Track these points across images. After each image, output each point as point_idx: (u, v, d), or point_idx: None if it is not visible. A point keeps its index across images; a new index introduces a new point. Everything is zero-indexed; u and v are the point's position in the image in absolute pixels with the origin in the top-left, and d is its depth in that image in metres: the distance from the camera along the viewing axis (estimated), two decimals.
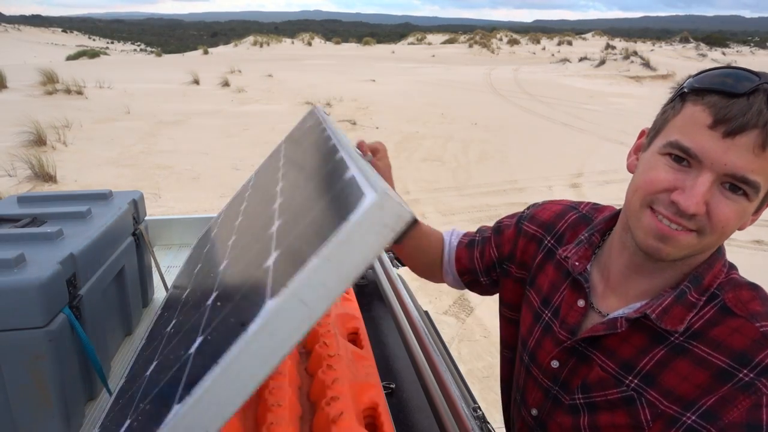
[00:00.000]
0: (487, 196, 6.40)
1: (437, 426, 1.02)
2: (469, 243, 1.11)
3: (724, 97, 0.65)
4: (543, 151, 8.46)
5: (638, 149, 0.80)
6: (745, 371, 0.68)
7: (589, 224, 0.92)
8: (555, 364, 0.87)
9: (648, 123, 0.79)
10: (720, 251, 0.78)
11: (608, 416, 0.79)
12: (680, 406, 0.72)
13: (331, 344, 1.07)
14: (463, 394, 1.01)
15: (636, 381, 0.76)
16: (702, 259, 0.76)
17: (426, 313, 1.42)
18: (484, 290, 1.12)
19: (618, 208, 0.88)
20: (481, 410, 0.93)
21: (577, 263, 0.86)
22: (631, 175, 0.79)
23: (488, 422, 0.93)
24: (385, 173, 1.07)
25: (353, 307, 1.32)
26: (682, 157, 0.68)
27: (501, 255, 1.05)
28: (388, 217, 0.43)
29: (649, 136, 0.77)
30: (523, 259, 1.00)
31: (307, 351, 1.14)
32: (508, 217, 1.09)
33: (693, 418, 0.70)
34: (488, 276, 1.07)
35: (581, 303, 0.85)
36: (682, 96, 0.72)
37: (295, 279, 0.44)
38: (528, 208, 1.05)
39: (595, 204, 0.98)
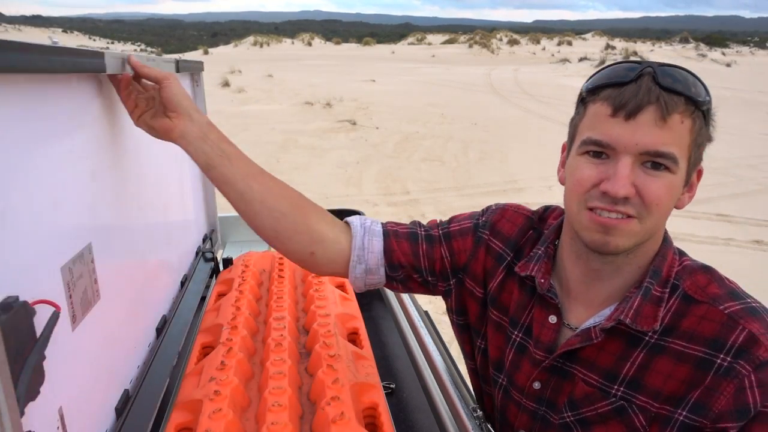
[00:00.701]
0: (486, 196, 6.40)
1: (437, 426, 1.02)
2: (410, 236, 0.96)
3: (616, 88, 0.71)
4: (543, 151, 8.46)
5: (563, 163, 0.83)
6: (722, 356, 0.70)
7: (541, 235, 0.91)
8: (537, 385, 0.85)
9: None
10: (667, 240, 0.80)
11: (602, 429, 0.79)
12: (671, 405, 0.73)
13: (331, 344, 1.07)
14: (462, 394, 1.01)
15: (622, 389, 0.76)
16: (653, 250, 0.78)
17: (426, 313, 1.42)
18: (409, 288, 1.00)
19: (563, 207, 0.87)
20: (480, 410, 0.93)
21: (542, 280, 0.84)
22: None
23: (487, 423, 0.93)
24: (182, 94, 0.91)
25: (353, 307, 1.32)
26: (599, 151, 0.72)
27: (456, 263, 0.95)
28: None
29: (567, 145, 0.81)
30: (482, 275, 0.94)
31: (308, 351, 1.14)
32: (457, 219, 0.99)
33: (684, 413, 0.72)
34: (435, 276, 0.96)
35: (553, 319, 0.83)
36: (582, 101, 0.77)
37: None
38: (485, 214, 0.97)
39: (545, 209, 0.95)
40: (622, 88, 0.70)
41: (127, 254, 0.96)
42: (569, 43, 36.33)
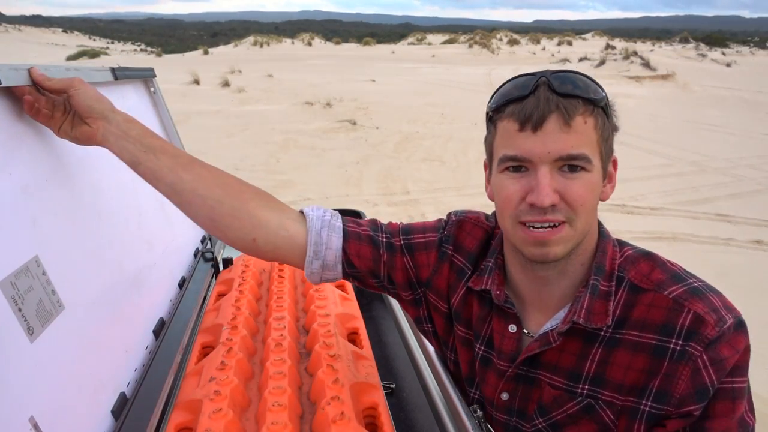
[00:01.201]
0: (486, 196, 6.39)
1: (437, 426, 1.02)
2: (372, 240, 0.92)
3: (517, 103, 0.74)
4: None
5: (488, 180, 0.85)
6: (674, 340, 0.72)
7: (489, 246, 0.91)
8: (505, 396, 0.86)
9: (648, 122, 0.81)
10: (604, 234, 0.82)
11: (575, 429, 0.80)
12: (634, 396, 0.75)
13: (332, 344, 1.07)
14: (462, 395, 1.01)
15: (587, 387, 0.78)
16: (592, 247, 0.80)
17: None
18: (367, 286, 0.98)
19: None
20: (480, 410, 0.92)
21: (497, 292, 0.84)
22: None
23: (487, 422, 0.93)
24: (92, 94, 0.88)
25: (353, 307, 1.32)
26: (518, 165, 0.75)
27: (419, 277, 0.93)
28: None
29: (489, 166, 0.84)
30: (445, 290, 0.93)
31: (308, 351, 1.14)
32: (419, 230, 0.96)
33: (649, 403, 0.74)
34: (394, 285, 0.94)
35: (513, 328, 0.84)
36: (490, 120, 0.80)
37: None
38: (446, 226, 0.95)
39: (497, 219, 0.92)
40: (523, 102, 0.73)
41: (98, 262, 0.95)
42: (569, 43, 36.32)
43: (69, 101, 0.85)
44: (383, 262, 0.92)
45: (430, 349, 1.13)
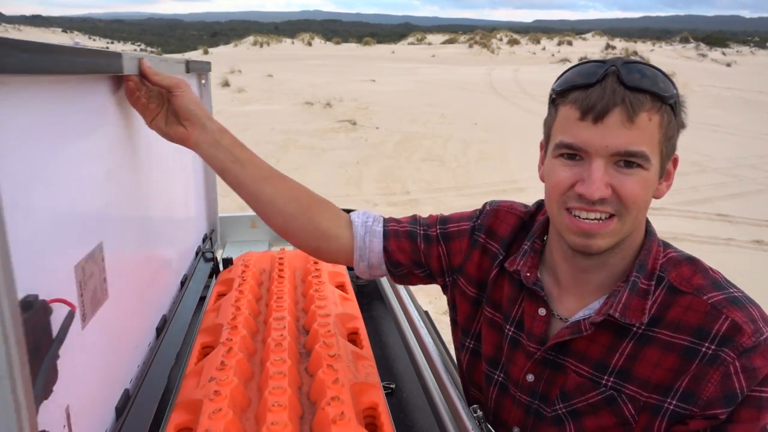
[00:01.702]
0: (487, 196, 6.35)
1: (437, 426, 1.02)
2: (410, 234, 1.00)
3: (582, 90, 0.72)
4: None
5: (542, 161, 0.85)
6: (707, 344, 0.72)
7: (528, 231, 0.93)
8: (530, 377, 0.86)
9: None
10: (651, 233, 0.81)
11: (593, 420, 0.80)
12: (659, 394, 0.75)
13: (332, 344, 1.07)
14: (462, 395, 1.01)
15: (612, 379, 0.78)
16: (637, 243, 0.80)
17: (426, 313, 1.43)
18: (412, 282, 1.05)
19: None
20: (480, 410, 0.93)
21: (528, 274, 0.86)
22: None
23: (487, 422, 0.93)
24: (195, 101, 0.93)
25: (353, 307, 1.32)
26: (572, 153, 0.74)
27: (451, 264, 0.99)
28: None
29: (544, 147, 0.83)
30: (476, 275, 0.96)
31: (308, 351, 1.14)
32: (455, 219, 1.01)
33: (674, 402, 0.73)
34: (434, 272, 1.00)
35: (542, 311, 0.85)
36: (553, 102, 0.79)
37: None
38: (481, 215, 0.99)
39: (538, 205, 0.96)
40: (588, 91, 0.71)
41: (133, 253, 0.97)
42: (569, 43, 36.32)
43: (171, 100, 0.90)
44: (421, 252, 0.99)
45: (430, 349, 1.13)
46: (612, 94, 0.69)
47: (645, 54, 22.04)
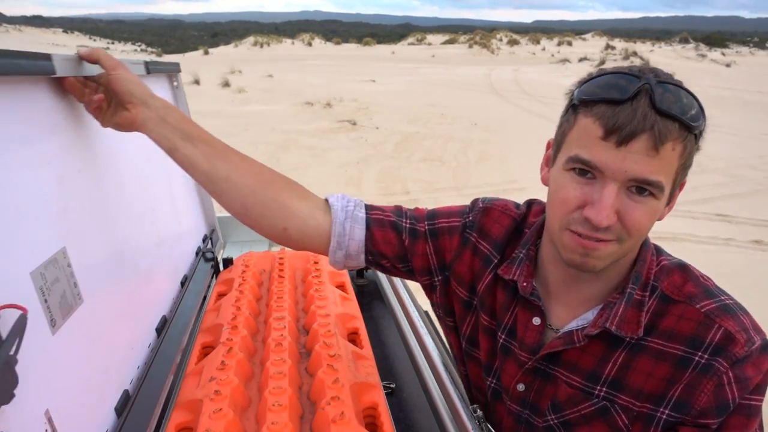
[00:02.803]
0: (485, 193, 6.39)
1: (437, 426, 1.02)
2: (395, 226, 0.93)
3: (610, 106, 0.66)
4: (543, 152, 8.45)
5: (548, 161, 0.81)
6: (700, 353, 0.71)
7: (521, 232, 0.90)
8: (521, 387, 0.85)
9: None
10: (646, 243, 0.79)
11: (586, 430, 0.79)
12: (652, 403, 0.74)
13: (332, 344, 1.07)
14: (462, 395, 1.01)
15: (605, 389, 0.77)
16: (632, 256, 0.78)
17: (426, 313, 1.42)
18: (391, 274, 0.99)
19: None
20: (480, 410, 0.93)
21: (525, 284, 0.83)
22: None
23: (487, 422, 0.93)
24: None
25: (353, 307, 1.32)
26: (586, 170, 0.69)
27: (442, 260, 0.94)
28: None
29: (554, 150, 0.78)
30: (467, 277, 0.92)
31: (308, 351, 1.14)
32: (444, 214, 0.95)
33: (667, 411, 0.73)
34: (416, 269, 0.95)
35: (537, 321, 0.83)
36: (573, 108, 0.72)
37: None
38: (472, 211, 0.94)
39: (528, 205, 0.93)
40: (617, 108, 0.66)
41: (115, 257, 0.96)
42: (569, 44, 36.31)
43: (110, 85, 0.84)
44: (406, 247, 0.93)
45: (430, 349, 1.13)
46: (642, 119, 0.64)
47: (645, 54, 22.04)
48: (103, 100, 0.85)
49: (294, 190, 0.91)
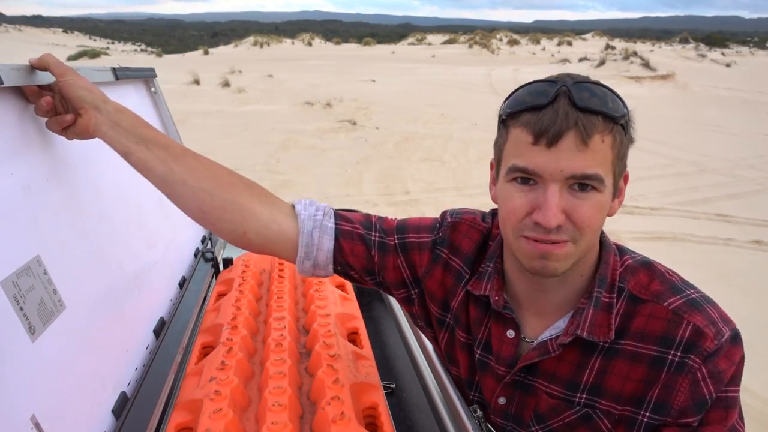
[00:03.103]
0: (487, 196, 6.36)
1: (437, 426, 1.02)
2: (363, 239, 0.91)
3: (534, 113, 0.69)
4: None
5: (493, 180, 0.83)
6: (672, 352, 0.72)
7: (488, 248, 0.90)
8: (502, 400, 0.86)
9: (648, 122, 0.80)
10: (605, 244, 0.80)
11: None
12: (632, 405, 0.75)
13: (332, 344, 1.07)
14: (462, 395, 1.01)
15: (585, 396, 0.78)
16: (593, 258, 0.79)
17: None
18: (360, 283, 0.98)
19: None
20: (480, 410, 0.93)
21: (497, 298, 0.83)
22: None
23: (487, 422, 0.93)
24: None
25: (353, 307, 1.32)
26: (526, 177, 0.71)
27: (415, 275, 0.92)
28: None
29: (495, 167, 0.81)
30: (439, 293, 0.92)
31: (308, 351, 1.14)
32: (414, 228, 0.94)
33: (647, 414, 0.74)
34: (387, 283, 0.94)
35: (511, 334, 0.83)
36: (503, 123, 0.76)
37: None
38: (441, 228, 0.93)
39: (492, 216, 0.93)
40: (540, 113, 0.68)
41: (98, 262, 0.95)
42: (569, 44, 36.31)
43: (61, 91, 0.83)
44: (375, 261, 0.92)
45: (430, 349, 1.13)
46: (565, 117, 0.67)
47: (645, 54, 22.00)
48: (51, 104, 0.83)
49: (255, 193, 0.88)
